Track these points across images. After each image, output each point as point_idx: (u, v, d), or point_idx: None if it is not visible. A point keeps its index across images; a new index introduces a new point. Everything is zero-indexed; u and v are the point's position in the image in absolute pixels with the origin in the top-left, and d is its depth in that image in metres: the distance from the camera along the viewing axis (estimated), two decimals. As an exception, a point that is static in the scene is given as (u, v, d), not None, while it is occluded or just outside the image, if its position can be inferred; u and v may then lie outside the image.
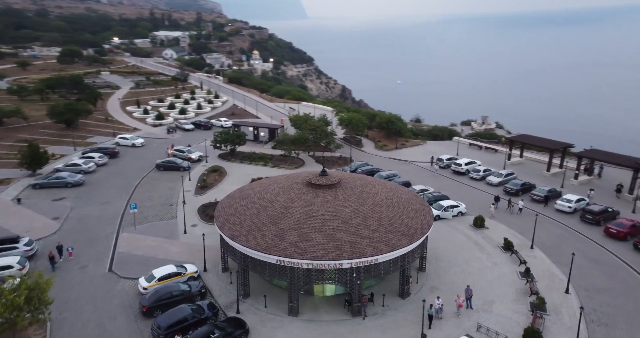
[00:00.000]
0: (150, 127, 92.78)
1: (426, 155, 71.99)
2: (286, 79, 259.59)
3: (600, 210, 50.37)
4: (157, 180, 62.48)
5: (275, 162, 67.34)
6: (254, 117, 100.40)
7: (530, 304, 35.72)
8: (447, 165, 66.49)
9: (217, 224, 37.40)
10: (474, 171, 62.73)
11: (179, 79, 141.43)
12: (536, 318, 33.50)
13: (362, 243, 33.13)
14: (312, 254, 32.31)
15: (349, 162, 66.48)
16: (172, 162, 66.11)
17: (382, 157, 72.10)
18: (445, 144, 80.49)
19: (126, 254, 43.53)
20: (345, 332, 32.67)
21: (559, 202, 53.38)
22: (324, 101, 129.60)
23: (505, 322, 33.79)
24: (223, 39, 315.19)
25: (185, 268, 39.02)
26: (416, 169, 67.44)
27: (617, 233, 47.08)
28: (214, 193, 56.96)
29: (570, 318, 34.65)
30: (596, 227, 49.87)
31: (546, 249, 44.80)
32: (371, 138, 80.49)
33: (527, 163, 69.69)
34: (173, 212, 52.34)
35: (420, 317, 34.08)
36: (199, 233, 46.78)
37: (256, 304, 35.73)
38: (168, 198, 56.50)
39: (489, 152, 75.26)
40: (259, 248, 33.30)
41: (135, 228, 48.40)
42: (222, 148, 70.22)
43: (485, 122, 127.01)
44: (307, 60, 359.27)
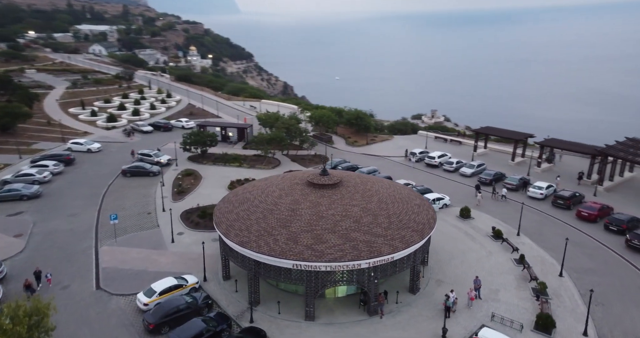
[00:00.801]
0: (103, 130, 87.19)
1: (397, 150, 73.22)
2: (226, 76, 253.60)
3: (570, 195, 53.73)
4: (127, 188, 58.81)
5: (250, 163, 65.59)
6: (214, 116, 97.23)
7: (533, 290, 37.36)
8: (420, 159, 68.03)
9: (221, 231, 35.76)
10: (447, 163, 64.70)
11: (123, 77, 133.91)
12: (543, 303, 35.10)
13: (377, 242, 33.01)
14: (330, 256, 31.74)
15: (324, 160, 66.18)
16: (140, 167, 62.45)
17: (356, 153, 72.42)
18: (412, 138, 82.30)
19: (112, 269, 40.58)
20: (367, 332, 32.47)
21: (531, 189, 56.30)
22: (284, 98, 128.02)
23: (514, 309, 35.09)
24: (156, 33, 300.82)
25: (185, 280, 37.05)
26: (391, 163, 68.37)
27: (588, 216, 50.44)
28: (194, 198, 54.55)
29: (570, 301, 36.64)
30: (567, 211, 53.18)
31: (531, 235, 47.10)
32: (340, 135, 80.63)
33: (491, 154, 72.87)
34: (153, 221, 49.50)
35: (435, 310, 34.77)
36: (188, 241, 44.96)
37: (269, 311, 34.63)
38: (144, 206, 53.36)
39: (454, 145, 77.92)
40: (274, 254, 32.23)
41: (116, 240, 45.26)
42: (191, 150, 67.30)
43: (435, 115, 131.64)
44: (246, 56, 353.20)
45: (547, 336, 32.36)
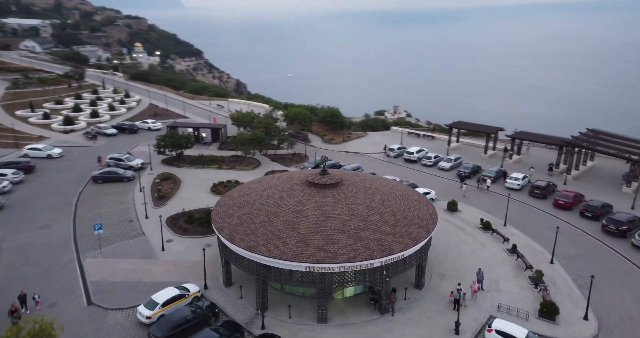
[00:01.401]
0: (61, 134, 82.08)
1: (374, 146, 73.79)
2: (175, 74, 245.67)
3: (546, 185, 56.25)
4: (101, 195, 55.65)
5: (229, 164, 63.84)
6: (181, 117, 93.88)
7: (530, 278, 38.77)
8: (398, 154, 68.92)
9: (224, 236, 34.53)
10: (426, 158, 65.95)
11: (72, 76, 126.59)
12: (543, 291, 36.49)
13: (388, 240, 33.03)
14: (344, 257, 31.43)
15: (304, 159, 65.63)
16: (113, 172, 59.25)
17: (334, 151, 72.24)
18: (386, 134, 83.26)
19: (102, 282, 38.29)
20: (381, 331, 32.46)
21: (508, 180, 58.44)
22: (249, 97, 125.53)
23: (516, 298, 36.24)
24: (95, 29, 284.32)
25: (187, 289, 35.55)
26: (371, 160, 68.78)
27: (564, 204, 53.02)
28: (177, 203, 52.45)
29: (565, 286, 38.33)
30: (543, 200, 55.65)
31: (516, 225, 48.88)
32: (315, 133, 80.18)
33: (463, 147, 75.02)
34: (137, 229, 47.14)
35: (443, 305, 35.33)
36: (179, 248, 43.26)
37: (278, 316, 33.89)
38: (123, 214, 50.71)
39: (427, 139, 79.53)
40: (285, 257, 31.50)
41: (101, 251, 42.72)
42: (165, 153, 64.63)
43: (397, 111, 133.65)
44: (195, 53, 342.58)
45: (552, 322, 33.66)
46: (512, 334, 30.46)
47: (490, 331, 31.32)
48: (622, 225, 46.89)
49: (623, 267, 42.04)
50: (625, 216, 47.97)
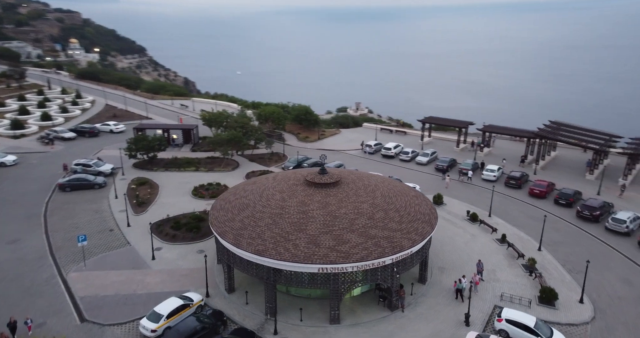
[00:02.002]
0: (10, 139, 76.33)
1: (349, 143, 73.91)
2: (117, 72, 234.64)
3: (520, 176, 58.64)
4: (71, 204, 52.21)
5: (207, 166, 61.74)
6: (144, 118, 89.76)
7: (523, 266, 40.22)
8: (375, 150, 69.46)
9: (228, 241, 33.29)
10: (403, 153, 66.88)
11: (12, 75, 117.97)
12: (539, 277, 37.97)
13: (396, 237, 33.12)
14: (356, 256, 31.19)
15: (283, 158, 64.68)
16: (82, 179, 55.71)
17: (310, 149, 71.67)
18: (359, 131, 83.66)
19: (93, 297, 35.95)
20: (394, 328, 32.52)
21: (484, 172, 60.43)
22: (213, 96, 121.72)
23: (515, 287, 37.46)
24: (22, 23, 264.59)
25: (190, 298, 34.03)
26: (349, 156, 68.87)
27: (539, 193, 55.49)
28: (158, 209, 50.11)
29: (556, 272, 40.07)
30: (518, 190, 57.98)
31: (500, 215, 50.59)
32: (288, 131, 79.14)
33: (435, 142, 76.76)
34: (120, 238, 44.61)
35: (449, 298, 35.94)
36: (170, 256, 41.46)
37: (289, 320, 33.16)
38: (101, 223, 47.85)
39: (400, 135, 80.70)
40: (297, 259, 30.84)
41: (85, 264, 40.07)
42: (137, 157, 61.56)
43: (359, 108, 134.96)
44: (138, 50, 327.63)
45: (552, 308, 35.08)
46: (522, 322, 31.42)
47: (501, 321, 32.15)
48: (595, 211, 49.69)
49: (602, 250, 44.54)
50: (597, 202, 50.88)
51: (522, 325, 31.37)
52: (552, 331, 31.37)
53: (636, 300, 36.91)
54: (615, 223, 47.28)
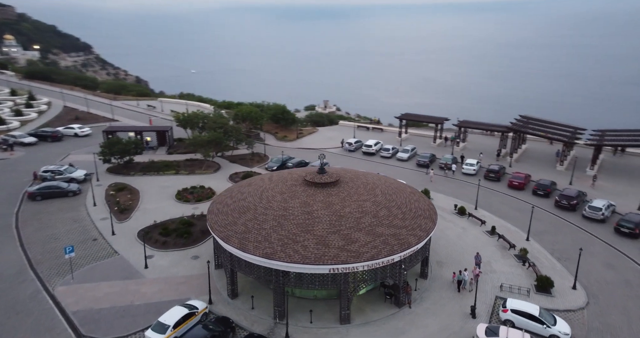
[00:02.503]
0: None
1: (328, 141, 73.77)
2: (72, 72, 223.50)
3: (499, 169, 60.51)
4: (44, 214, 49.23)
5: (187, 169, 59.82)
6: (110, 120, 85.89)
7: (516, 256, 41.50)
8: (356, 148, 69.70)
9: (233, 245, 32.38)
10: (384, 150, 67.48)
11: None
12: (532, 266, 39.29)
13: (402, 234, 33.30)
14: (367, 255, 31.13)
15: (265, 158, 63.66)
16: (54, 187, 52.63)
17: (291, 148, 70.95)
18: (336, 129, 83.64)
19: (87, 311, 34.08)
20: (404, 324, 32.72)
21: (465, 166, 61.96)
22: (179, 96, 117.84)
23: (511, 277, 38.59)
24: None
25: (194, 307, 32.87)
26: (330, 155, 68.58)
27: (518, 185, 57.47)
28: (143, 215, 48.13)
29: (547, 260, 41.59)
30: (497, 182, 59.81)
31: (484, 207, 51.97)
32: (265, 131, 77.94)
33: (412, 138, 77.91)
34: (106, 248, 42.51)
35: (452, 291, 36.58)
36: (163, 263, 39.98)
37: (299, 322, 32.69)
38: (82, 232, 45.41)
39: (377, 132, 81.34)
40: (308, 261, 30.42)
41: (73, 277, 37.90)
42: (112, 161, 58.85)
43: (327, 105, 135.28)
44: (83, 47, 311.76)
45: (548, 295, 36.40)
46: (527, 312, 32.40)
47: (506, 311, 33.01)
48: (573, 200, 52.01)
49: (583, 237, 46.65)
50: (573, 191, 53.26)
51: (527, 314, 32.35)
52: (555, 318, 32.51)
53: (622, 283, 38.87)
54: (592, 211, 49.65)
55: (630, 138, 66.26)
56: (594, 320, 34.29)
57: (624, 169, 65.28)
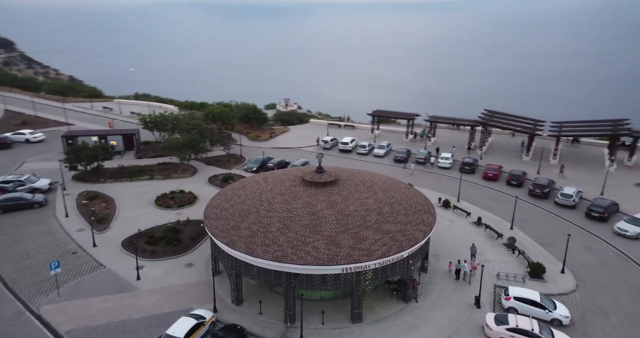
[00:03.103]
0: None
1: (303, 140, 73.13)
2: (8, 72, 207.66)
3: (473, 161, 62.52)
4: (11, 228, 45.48)
5: (162, 173, 57.23)
6: (62, 124, 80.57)
7: (505, 245, 43.02)
8: (332, 146, 69.60)
9: (240, 250, 31.31)
10: (360, 147, 67.83)
11: None
12: (522, 254, 40.87)
13: (408, 230, 33.56)
14: (378, 252, 31.12)
15: (242, 160, 62.11)
16: (18, 198, 48.70)
17: (266, 148, 69.54)
18: (308, 127, 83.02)
19: (81, 330, 31.88)
20: (415, 319, 33.01)
21: (440, 160, 63.52)
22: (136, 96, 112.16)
23: (504, 265, 39.94)
24: None
25: (202, 316, 31.56)
26: (307, 153, 68.09)
27: (493, 176, 59.64)
28: (123, 224, 45.62)
29: (533, 247, 43.40)
30: (472, 174, 61.76)
31: (466, 199, 53.49)
32: (237, 131, 75.97)
33: (384, 134, 78.82)
34: (90, 261, 39.93)
35: (454, 283, 37.35)
36: (156, 274, 38.24)
37: (311, 324, 32.21)
38: (58, 246, 42.39)
39: (349, 129, 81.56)
40: (321, 262, 29.99)
41: (59, 294, 35.29)
42: (78, 168, 55.29)
43: (288, 104, 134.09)
44: (3, 44, 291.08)
45: (541, 280, 38.00)
46: (530, 298, 33.65)
47: (509, 299, 34.10)
48: (545, 188, 54.67)
49: (560, 223, 49.14)
50: (545, 180, 55.99)
51: (530, 300, 33.60)
52: (554, 303, 33.98)
53: (602, 265, 41.30)
54: (564, 198, 52.43)
55: (585, 128, 70.56)
56: (586, 301, 36.17)
57: (582, 157, 69.36)
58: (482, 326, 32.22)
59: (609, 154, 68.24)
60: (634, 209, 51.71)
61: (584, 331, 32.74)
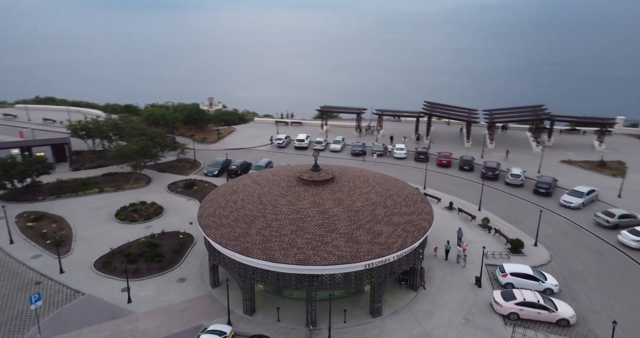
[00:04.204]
0: None
1: (254, 139, 70.94)
2: None
3: (426, 150, 65.44)
4: (-52, 261, 38.63)
5: (112, 185, 51.98)
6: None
7: (480, 226, 45.77)
8: (286, 143, 68.45)
9: (258, 257, 29.78)
10: (317, 143, 67.59)
11: None
12: (499, 232, 43.78)
13: (415, 220, 34.28)
14: (396, 245, 31.46)
15: (197, 164, 58.58)
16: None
17: (217, 150, 66.12)
18: (253, 126, 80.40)
19: (82, 366, 28.20)
20: (430, 306, 33.84)
21: (396, 151, 65.60)
22: (39, 100, 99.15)
23: (485, 244, 42.33)
24: None
25: (221, 331, 29.63)
26: (263, 152, 66.16)
27: (447, 163, 62.95)
28: (88, 244, 41.02)
29: (503, 225, 46.59)
30: (426, 162, 64.43)
31: (430, 186, 55.78)
32: (181, 134, 71.09)
33: (333, 129, 79.13)
34: (62, 289, 35.42)
35: (451, 267, 39.02)
36: (147, 293, 35.47)
37: (333, 324, 31.61)
38: (13, 278, 37.03)
39: (296, 126, 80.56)
40: (346, 260, 29.63)
41: (40, 331, 30.86)
42: (6, 187, 48.40)
43: (213, 103, 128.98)
44: None
45: (521, 255, 41.09)
46: (523, 272, 36.22)
47: (506, 275, 36.38)
48: (495, 171, 59.03)
49: (515, 200, 53.39)
50: (494, 163, 60.42)
51: (524, 274, 36.16)
52: (544, 274, 36.94)
53: (562, 235, 45.69)
54: (514, 178, 57.09)
55: (511, 115, 76.84)
56: (563, 269, 39.82)
57: (511, 141, 75.46)
58: (490, 304, 34.05)
59: (533, 136, 75.37)
60: (566, 183, 57.64)
61: (571, 296, 36.02)
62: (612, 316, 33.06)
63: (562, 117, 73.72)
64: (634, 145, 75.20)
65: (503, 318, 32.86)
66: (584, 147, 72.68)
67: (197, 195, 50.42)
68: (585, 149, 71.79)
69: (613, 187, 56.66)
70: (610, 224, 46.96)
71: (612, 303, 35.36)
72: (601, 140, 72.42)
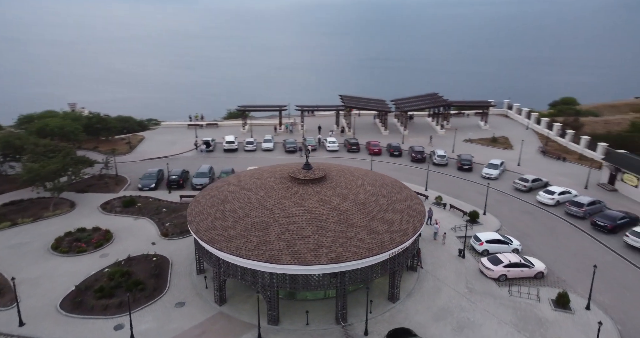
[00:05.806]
0: None
1: (173, 146, 65.51)
2: None
3: (356, 141, 67.89)
4: None
5: (26, 214, 43.46)
6: None
7: (435, 204, 49.52)
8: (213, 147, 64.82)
9: (293, 263, 28.47)
10: (248, 143, 65.52)
11: None
12: (452, 207, 47.87)
13: (413, 205, 35.80)
14: (410, 230, 32.65)
15: (123, 180, 51.99)
16: None
17: (135, 161, 59.18)
18: (164, 132, 73.42)
19: None
20: (434, 283, 35.74)
21: (329, 145, 67.25)
22: None
23: (448, 218, 46.08)
24: None
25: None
26: (189, 159, 61.30)
27: (378, 151, 66.19)
28: (35, 288, 34.54)
29: (450, 200, 50.85)
30: (358, 152, 66.87)
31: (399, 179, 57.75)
32: (79, 146, 61.42)
33: (253, 128, 76.55)
34: (41, 327, 29.25)
35: (436, 244, 41.55)
36: (148, 326, 32.30)
37: (357, 317, 31.72)
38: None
39: (212, 128, 76.26)
40: (375, 251, 29.99)
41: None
42: None
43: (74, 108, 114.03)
44: None
45: (479, 224, 45.56)
46: (496, 238, 40.49)
47: (482, 244, 40.22)
48: (423, 154, 64.20)
49: (446, 178, 58.70)
50: (421, 147, 65.48)
51: (497, 240, 40.47)
52: (509, 237, 41.69)
53: (496, 202, 51.36)
54: (440, 159, 62.89)
55: (415, 103, 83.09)
56: (513, 230, 45.21)
57: (419, 127, 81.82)
58: (479, 270, 37.42)
59: (434, 121, 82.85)
60: (476, 158, 64.82)
61: (531, 253, 41.27)
62: (568, 264, 38.84)
63: (455, 103, 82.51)
64: (507, 123, 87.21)
65: (495, 281, 36.39)
66: (473, 128, 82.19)
67: (145, 212, 45.31)
68: (474, 129, 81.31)
69: (509, 158, 65.43)
70: (526, 188, 54.69)
71: (559, 253, 41.42)
72: (485, 120, 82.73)
